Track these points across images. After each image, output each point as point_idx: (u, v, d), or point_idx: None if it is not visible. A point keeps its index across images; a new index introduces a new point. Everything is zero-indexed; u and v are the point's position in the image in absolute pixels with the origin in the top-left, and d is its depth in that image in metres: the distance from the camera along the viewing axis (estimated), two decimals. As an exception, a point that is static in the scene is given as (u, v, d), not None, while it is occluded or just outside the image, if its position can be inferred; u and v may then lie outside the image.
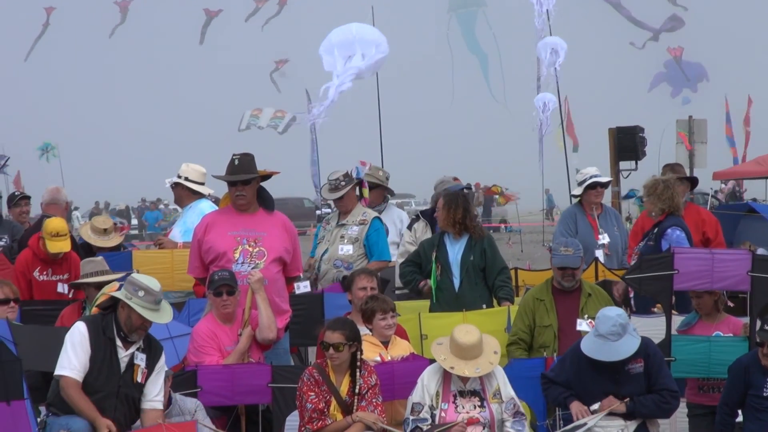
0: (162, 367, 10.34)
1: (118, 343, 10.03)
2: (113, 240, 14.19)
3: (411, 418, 10.23)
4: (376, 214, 14.77)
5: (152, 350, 10.24)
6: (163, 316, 10.21)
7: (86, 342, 9.98)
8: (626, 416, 10.47)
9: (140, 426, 10.15)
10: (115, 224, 15.17)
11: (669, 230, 12.80)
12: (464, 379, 10.36)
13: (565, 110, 34.37)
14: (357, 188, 14.87)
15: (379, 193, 15.89)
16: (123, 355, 10.02)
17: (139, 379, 10.06)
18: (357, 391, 10.26)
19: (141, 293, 9.99)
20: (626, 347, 10.47)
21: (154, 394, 10.14)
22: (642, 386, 10.54)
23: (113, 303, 10.23)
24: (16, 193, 19.36)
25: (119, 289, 10.38)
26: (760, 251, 14.42)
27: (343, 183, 14.44)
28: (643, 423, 10.65)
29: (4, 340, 10.94)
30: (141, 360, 10.05)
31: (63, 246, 13.67)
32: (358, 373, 10.30)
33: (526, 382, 11.29)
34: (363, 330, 10.91)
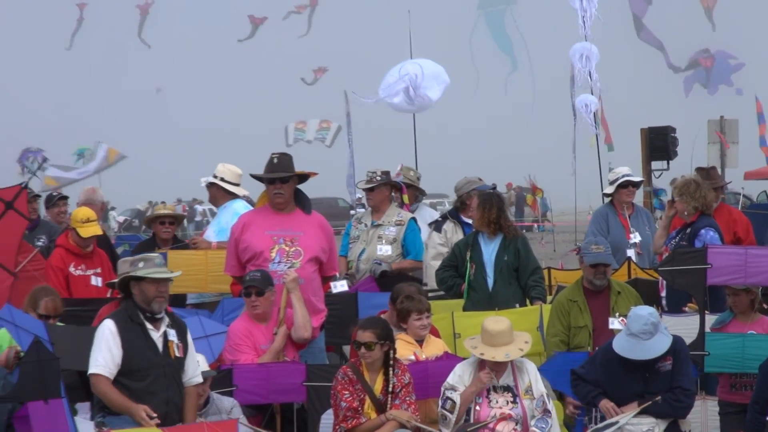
0: (192, 346, 10.57)
1: (148, 325, 10.25)
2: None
3: (444, 393, 10.35)
4: (411, 215, 14.90)
5: (180, 327, 10.46)
6: (164, 270, 10.47)
7: (115, 337, 10.19)
8: (658, 415, 10.49)
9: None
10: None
11: (702, 231, 12.77)
12: (498, 374, 10.41)
13: (600, 111, 34.31)
14: (393, 191, 14.94)
15: (411, 193, 15.95)
16: (156, 336, 10.24)
17: (177, 353, 10.27)
18: (391, 389, 10.33)
19: (140, 264, 10.33)
20: (658, 346, 10.50)
21: (192, 371, 10.36)
22: (668, 383, 10.60)
23: (126, 290, 10.48)
24: (54, 194, 19.43)
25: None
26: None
27: (378, 178, 14.57)
28: (674, 421, 10.69)
29: (42, 340, 11.04)
30: (173, 336, 10.28)
31: (95, 230, 14.03)
32: (391, 372, 10.38)
33: (570, 376, 11.31)
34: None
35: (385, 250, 13.91)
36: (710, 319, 11.98)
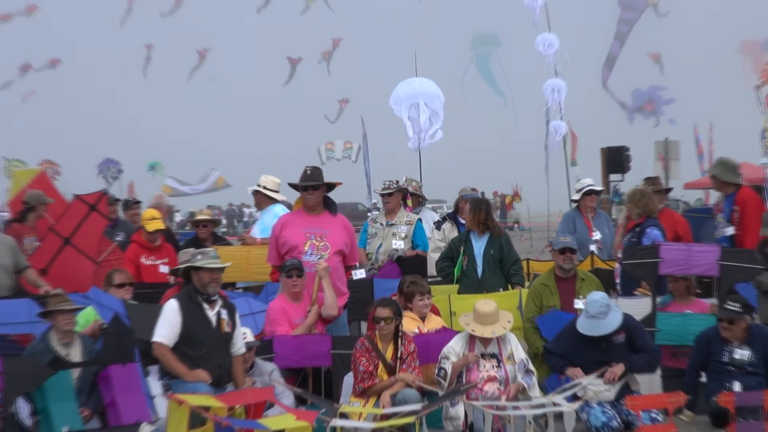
0: (239, 323, 10.77)
1: (204, 305, 10.47)
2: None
3: (439, 362, 10.60)
4: (418, 216, 15.11)
5: (230, 308, 10.70)
6: (218, 262, 10.68)
7: (177, 314, 10.40)
8: (637, 370, 10.86)
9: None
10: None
11: (648, 229, 12.88)
12: (485, 344, 10.57)
13: (569, 133, 34.39)
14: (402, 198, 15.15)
15: (415, 199, 16.24)
16: (211, 314, 10.46)
17: (227, 329, 10.50)
18: (399, 356, 10.44)
19: (198, 257, 10.59)
20: (612, 323, 10.74)
21: (239, 344, 10.59)
22: (624, 353, 10.76)
23: (187, 277, 10.74)
24: (130, 199, 19.54)
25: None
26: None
27: (394, 186, 14.81)
28: (626, 383, 10.75)
29: (120, 316, 11.09)
30: (224, 315, 10.52)
31: (157, 225, 14.14)
32: (400, 342, 10.51)
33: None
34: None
35: (398, 244, 14.09)
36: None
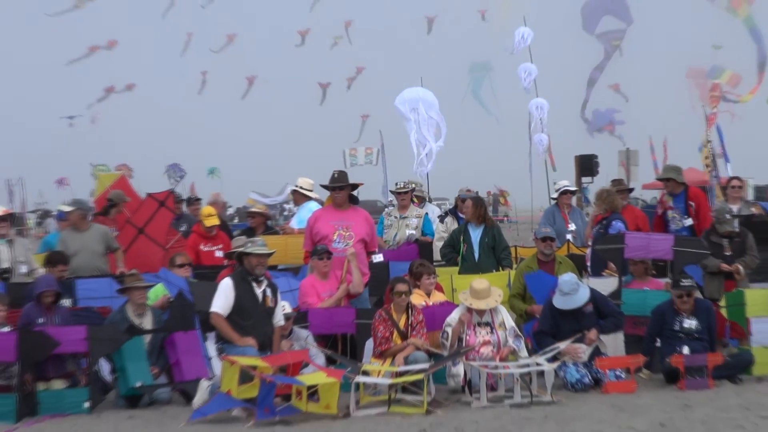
0: (280, 299, 10.83)
1: (253, 284, 10.53)
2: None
3: (444, 328, 10.60)
4: (425, 211, 15.24)
5: (273, 287, 10.77)
6: (264, 248, 10.79)
7: (230, 290, 10.45)
8: (606, 332, 10.94)
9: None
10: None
11: (614, 222, 12.88)
12: (480, 315, 10.58)
13: (548, 145, 34.44)
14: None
15: (419, 199, 16.25)
16: (258, 291, 10.53)
17: (270, 304, 10.56)
18: (410, 324, 10.46)
19: (249, 244, 10.77)
20: (582, 296, 10.82)
21: (279, 317, 10.64)
22: (594, 320, 10.85)
23: (239, 260, 10.85)
24: (192, 197, 19.68)
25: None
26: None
27: (409, 186, 15.09)
28: (596, 347, 10.76)
29: (184, 291, 11.14)
30: (269, 292, 10.61)
31: (213, 221, 14.09)
32: (410, 313, 10.52)
33: (541, 292, 11.78)
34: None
35: (411, 233, 14.17)
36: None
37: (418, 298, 11.21)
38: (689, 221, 12.94)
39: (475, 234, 13.30)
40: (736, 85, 36.80)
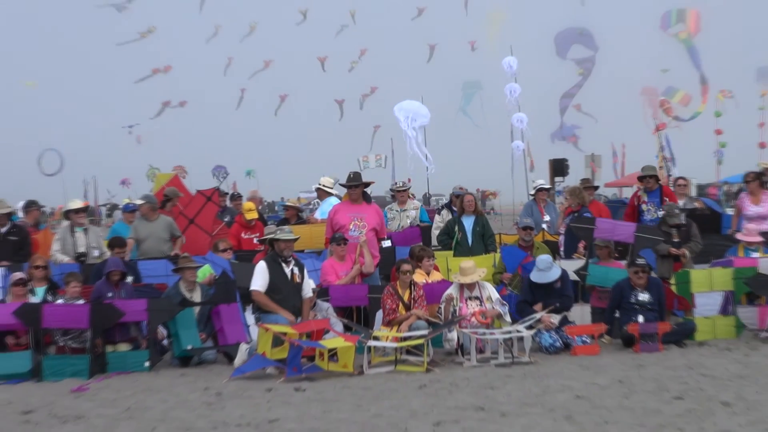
0: (306, 275, 10.78)
1: (283, 264, 10.46)
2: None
3: (440, 304, 10.62)
4: (419, 204, 15.65)
5: (300, 265, 10.70)
6: (291, 235, 10.77)
7: (265, 271, 10.38)
8: (563, 309, 10.85)
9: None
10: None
11: (584, 214, 12.89)
12: (470, 290, 10.58)
13: (527, 149, 34.49)
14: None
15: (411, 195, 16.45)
16: (287, 270, 10.47)
17: (297, 280, 10.50)
18: (413, 298, 10.45)
19: (278, 232, 10.77)
20: (554, 273, 10.92)
21: (306, 291, 10.59)
22: (560, 295, 11.00)
23: (271, 245, 10.77)
24: (234, 193, 19.61)
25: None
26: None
27: (406, 185, 15.67)
28: (565, 316, 10.81)
29: (227, 271, 11.14)
30: (296, 271, 10.54)
31: (253, 215, 14.00)
32: (413, 289, 10.51)
33: (512, 262, 12.15)
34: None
35: (410, 221, 14.34)
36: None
37: (419, 277, 11.18)
38: (662, 213, 12.86)
39: (468, 223, 13.23)
40: (687, 103, 36.68)
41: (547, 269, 10.90)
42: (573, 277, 11.54)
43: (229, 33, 42.49)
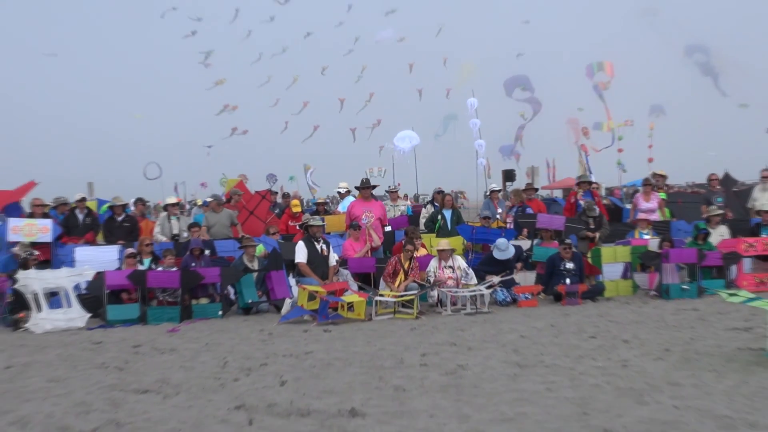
0: (332, 250, 10.68)
1: (315, 243, 10.42)
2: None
3: (428, 274, 10.43)
4: (407, 203, 15.44)
5: (327, 243, 10.65)
6: (320, 222, 10.78)
7: (303, 248, 10.35)
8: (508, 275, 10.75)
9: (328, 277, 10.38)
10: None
11: (527, 209, 12.90)
12: (446, 261, 10.51)
13: (487, 164, 34.35)
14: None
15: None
16: (317, 247, 10.42)
17: (325, 253, 10.44)
18: (411, 267, 10.34)
19: (311, 220, 10.72)
20: (510, 252, 10.82)
21: (331, 261, 10.49)
22: (511, 265, 10.97)
23: (306, 229, 10.73)
24: (284, 193, 19.56)
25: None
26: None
27: (397, 186, 15.50)
28: (512, 278, 10.79)
29: (275, 248, 11.13)
30: (324, 247, 10.49)
31: (298, 208, 13.98)
32: (411, 261, 10.39)
33: (465, 233, 12.03)
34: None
35: (400, 212, 14.10)
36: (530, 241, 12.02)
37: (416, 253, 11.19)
38: (597, 210, 12.80)
39: (448, 214, 13.03)
40: (610, 130, 36.47)
41: (505, 249, 10.84)
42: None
43: (278, 82, 42.48)
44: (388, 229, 12.75)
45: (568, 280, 10.54)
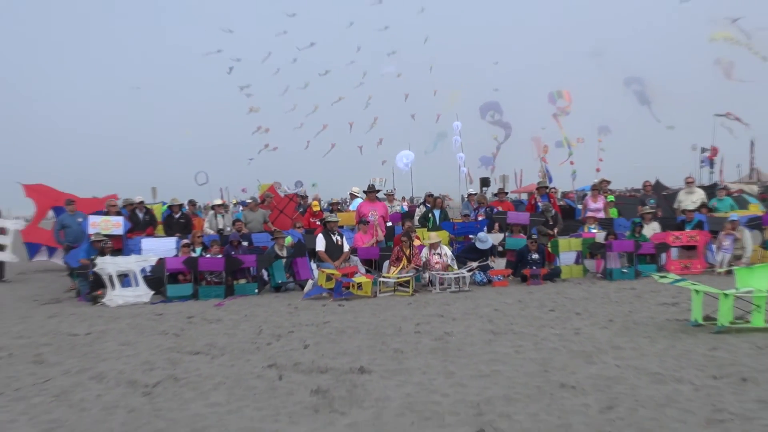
0: (345, 241, 10.55)
1: (331, 235, 10.29)
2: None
3: (421, 258, 10.30)
4: (401, 204, 15.17)
5: (341, 235, 10.50)
6: (335, 218, 10.56)
7: (322, 239, 10.25)
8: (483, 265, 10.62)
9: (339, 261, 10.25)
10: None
11: (491, 209, 12.82)
12: (435, 249, 10.40)
13: (467, 172, 34.15)
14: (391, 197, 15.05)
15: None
16: (333, 238, 10.28)
17: (339, 243, 10.31)
18: (412, 253, 10.23)
19: (328, 216, 10.60)
20: (489, 243, 10.78)
21: (345, 248, 10.36)
22: (488, 254, 10.82)
23: (325, 225, 10.55)
24: (305, 196, 19.39)
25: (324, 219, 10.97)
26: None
27: (393, 191, 15.69)
28: (488, 264, 10.67)
29: (300, 239, 11.06)
30: (338, 238, 10.36)
31: (317, 207, 13.78)
32: (411, 248, 10.29)
33: (446, 227, 11.89)
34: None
35: (396, 210, 13.93)
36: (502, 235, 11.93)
37: (415, 242, 10.99)
38: (553, 210, 12.70)
39: (437, 213, 12.90)
40: (573, 146, 36.27)
41: (485, 241, 10.78)
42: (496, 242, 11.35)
43: (302, 109, 42.32)
44: (389, 224, 12.74)
45: (533, 267, 10.48)
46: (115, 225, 11.26)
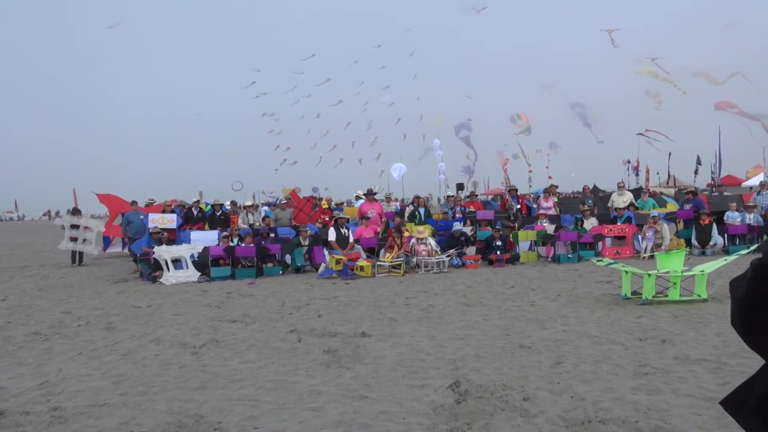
0: (350, 232, 10.32)
1: (340, 228, 10.13)
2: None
3: (410, 246, 10.16)
4: (396, 204, 14.47)
5: (347, 227, 10.29)
6: (343, 214, 10.46)
7: (333, 231, 10.09)
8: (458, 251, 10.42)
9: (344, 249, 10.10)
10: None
11: (467, 210, 12.63)
12: (422, 239, 10.25)
13: (445, 179, 33.99)
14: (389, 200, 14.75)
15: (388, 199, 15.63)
16: (342, 230, 10.11)
17: (346, 234, 10.14)
18: (402, 242, 10.14)
19: (337, 211, 10.48)
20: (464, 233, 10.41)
21: (351, 239, 10.15)
22: (463, 243, 10.61)
23: (335, 220, 10.39)
24: (318, 198, 19.20)
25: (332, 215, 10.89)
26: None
27: (389, 194, 14.73)
28: (463, 251, 10.53)
29: (317, 231, 10.95)
30: (345, 230, 10.15)
31: (326, 206, 13.53)
32: (401, 239, 10.19)
33: (430, 222, 11.57)
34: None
35: (391, 209, 13.51)
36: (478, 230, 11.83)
37: (405, 234, 10.92)
38: (518, 206, 12.44)
39: (422, 211, 12.57)
40: (530, 157, 36.25)
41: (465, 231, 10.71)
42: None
43: (316, 132, 42.24)
44: (385, 219, 12.67)
45: (498, 252, 10.44)
46: (170, 221, 11.27)
